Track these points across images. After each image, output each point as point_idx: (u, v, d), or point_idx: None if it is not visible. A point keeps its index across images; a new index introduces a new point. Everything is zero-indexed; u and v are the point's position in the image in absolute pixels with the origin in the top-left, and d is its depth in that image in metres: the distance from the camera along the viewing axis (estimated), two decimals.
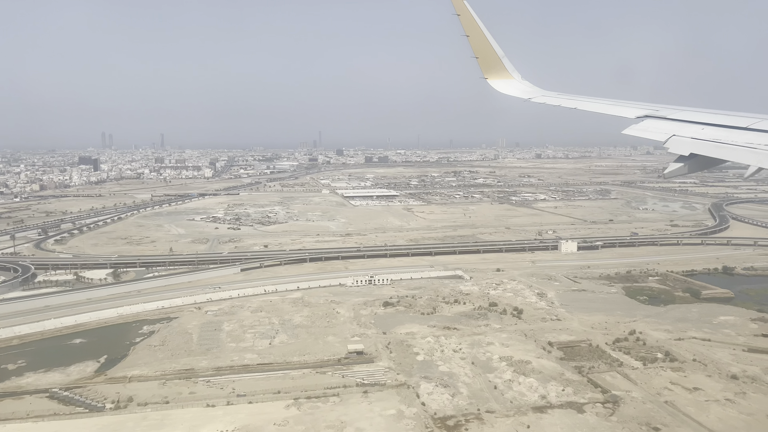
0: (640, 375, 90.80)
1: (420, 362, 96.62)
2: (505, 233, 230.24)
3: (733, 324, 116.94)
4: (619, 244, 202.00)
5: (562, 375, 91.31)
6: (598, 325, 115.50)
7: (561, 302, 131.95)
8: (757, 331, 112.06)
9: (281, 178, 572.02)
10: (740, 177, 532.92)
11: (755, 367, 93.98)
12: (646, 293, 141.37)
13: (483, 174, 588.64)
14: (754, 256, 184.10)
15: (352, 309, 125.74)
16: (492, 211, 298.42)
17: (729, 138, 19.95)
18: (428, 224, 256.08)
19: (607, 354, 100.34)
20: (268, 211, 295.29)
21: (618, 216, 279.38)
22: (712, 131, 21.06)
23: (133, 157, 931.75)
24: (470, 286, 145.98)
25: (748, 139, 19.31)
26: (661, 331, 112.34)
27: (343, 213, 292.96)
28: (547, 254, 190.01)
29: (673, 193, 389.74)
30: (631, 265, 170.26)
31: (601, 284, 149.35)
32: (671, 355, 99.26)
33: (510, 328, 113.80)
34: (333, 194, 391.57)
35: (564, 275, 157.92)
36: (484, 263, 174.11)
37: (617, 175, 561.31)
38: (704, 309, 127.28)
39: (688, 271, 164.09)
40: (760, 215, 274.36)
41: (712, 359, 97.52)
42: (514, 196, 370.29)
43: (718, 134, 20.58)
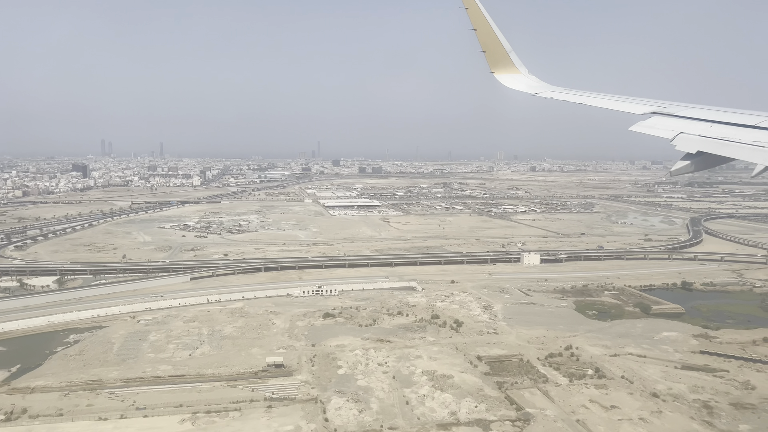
0: (561, 392, 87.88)
1: (340, 376, 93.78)
2: (474, 245, 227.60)
3: (674, 340, 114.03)
4: (584, 258, 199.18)
5: (481, 390, 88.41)
6: (536, 339, 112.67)
7: (505, 315, 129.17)
8: (697, 347, 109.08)
9: (269, 187, 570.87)
10: (729, 192, 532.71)
11: (682, 385, 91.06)
12: (596, 307, 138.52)
13: (472, 186, 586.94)
14: (718, 271, 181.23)
15: (290, 320, 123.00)
16: (468, 223, 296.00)
17: (737, 136, 19.68)
18: (400, 235, 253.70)
19: (536, 369, 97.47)
20: (241, 220, 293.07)
21: (594, 229, 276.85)
22: (720, 129, 20.75)
23: (128, 165, 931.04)
24: (419, 297, 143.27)
25: (756, 137, 19.01)
26: (599, 346, 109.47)
27: (317, 222, 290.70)
28: (509, 266, 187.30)
29: (657, 207, 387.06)
30: (590, 278, 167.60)
31: (553, 297, 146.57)
32: (600, 372, 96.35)
33: (444, 341, 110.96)
34: (315, 204, 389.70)
35: (518, 288, 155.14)
36: (442, 275, 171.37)
37: (607, 189, 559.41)
38: (650, 324, 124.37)
39: (646, 285, 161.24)
40: (736, 230, 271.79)
41: (640, 376, 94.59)
42: (496, 208, 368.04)
43: (726, 132, 20.31)
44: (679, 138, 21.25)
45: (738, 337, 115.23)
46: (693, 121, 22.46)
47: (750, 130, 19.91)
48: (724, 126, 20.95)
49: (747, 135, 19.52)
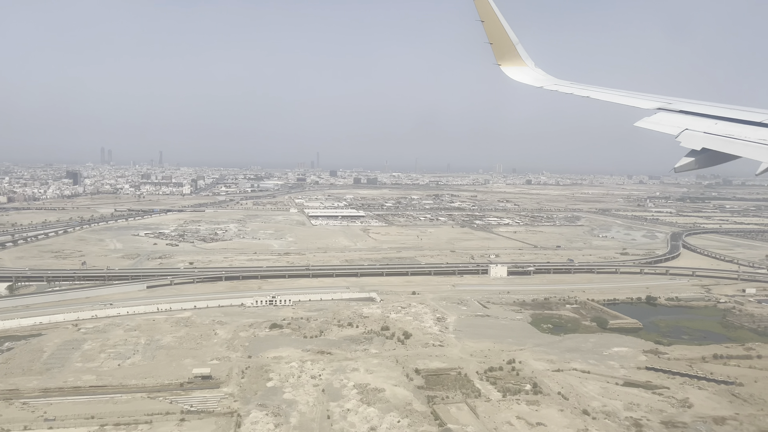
0: (490, 408, 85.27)
1: (268, 388, 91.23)
2: (448, 256, 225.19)
3: (623, 356, 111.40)
4: (553, 271, 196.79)
5: (409, 405, 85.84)
6: (480, 352, 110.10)
7: (456, 328, 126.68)
8: (644, 363, 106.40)
9: (260, 196, 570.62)
10: (719, 207, 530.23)
11: (618, 402, 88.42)
12: (553, 321, 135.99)
13: (463, 198, 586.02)
14: (687, 286, 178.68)
15: (234, 330, 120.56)
16: (448, 235, 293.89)
17: (742, 133, 19.47)
18: (376, 245, 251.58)
19: (472, 383, 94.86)
20: (219, 229, 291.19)
21: (573, 243, 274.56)
22: (725, 126, 20.54)
23: (123, 173, 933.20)
24: (374, 309, 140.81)
25: (762, 135, 18.75)
26: (544, 361, 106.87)
27: (295, 232, 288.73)
28: (475, 278, 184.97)
29: (643, 221, 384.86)
30: (555, 291, 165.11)
31: (511, 310, 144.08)
32: (538, 387, 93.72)
33: (386, 354, 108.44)
34: (299, 213, 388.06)
35: (477, 300, 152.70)
36: (406, 285, 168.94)
37: (597, 203, 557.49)
38: (602, 339, 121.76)
39: (610, 300, 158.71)
40: (716, 245, 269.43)
41: (578, 393, 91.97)
42: (480, 220, 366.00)
43: (731, 129, 20.07)
44: (684, 134, 20.96)
45: (688, 353, 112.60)
46: (698, 118, 22.11)
47: (756, 127, 19.58)
48: (730, 123, 20.60)
49: (752, 132, 19.20)
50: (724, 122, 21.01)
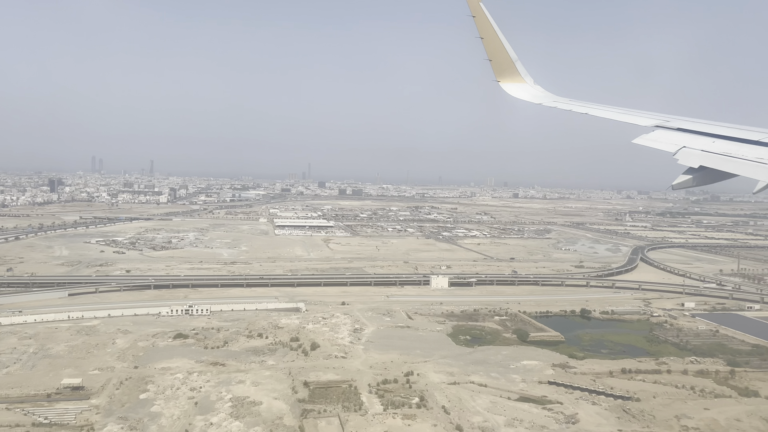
0: (362, 422, 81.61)
1: (138, 401, 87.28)
2: (399, 267, 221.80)
3: (530, 369, 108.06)
4: (497, 282, 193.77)
5: (280, 419, 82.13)
6: (382, 364, 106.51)
7: (370, 339, 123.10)
8: (548, 377, 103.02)
9: (236, 206, 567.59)
10: (696, 223, 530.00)
11: (501, 418, 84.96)
12: (473, 333, 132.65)
13: (442, 210, 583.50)
14: (629, 299, 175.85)
15: (134, 340, 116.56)
16: (409, 246, 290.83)
17: (740, 152, 19.60)
18: (329, 256, 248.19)
19: (358, 397, 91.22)
20: (176, 237, 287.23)
21: (533, 255, 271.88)
22: (723, 144, 20.63)
23: (108, 182, 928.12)
24: (294, 319, 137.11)
25: (759, 153, 18.90)
26: (444, 373, 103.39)
27: (253, 241, 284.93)
28: (416, 289, 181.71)
29: (613, 235, 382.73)
30: (489, 303, 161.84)
31: (435, 321, 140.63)
32: (424, 401, 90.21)
33: (283, 365, 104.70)
34: (268, 223, 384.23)
35: (406, 310, 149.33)
36: (340, 296, 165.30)
37: (577, 217, 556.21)
38: (516, 352, 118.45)
39: (543, 312, 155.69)
40: (676, 259, 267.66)
41: (464, 407, 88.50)
42: (448, 231, 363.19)
43: (729, 147, 20.15)
44: (681, 152, 21.06)
45: (597, 368, 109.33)
46: (696, 136, 22.24)
47: (753, 146, 19.63)
48: (727, 141, 20.70)
49: (750, 151, 19.31)
50: (721, 140, 21.04)
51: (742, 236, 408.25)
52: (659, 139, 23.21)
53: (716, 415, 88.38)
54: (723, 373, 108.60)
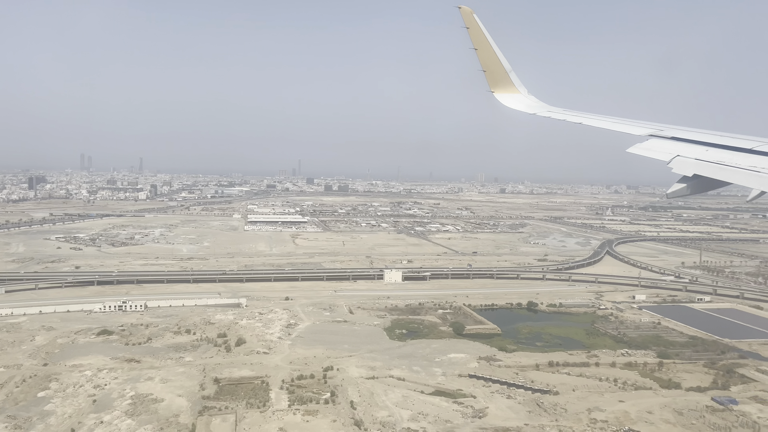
0: (259, 418, 79.14)
1: (35, 399, 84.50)
2: (360, 262, 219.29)
3: (455, 362, 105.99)
4: (451, 276, 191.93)
5: (176, 416, 79.57)
6: (304, 359, 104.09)
7: (301, 334, 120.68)
8: (470, 370, 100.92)
9: (216, 202, 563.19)
10: (676, 216, 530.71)
11: (407, 412, 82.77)
12: (411, 326, 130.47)
13: (424, 205, 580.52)
14: (582, 292, 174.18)
15: (55, 337, 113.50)
16: (377, 240, 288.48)
17: (733, 160, 19.79)
18: (292, 251, 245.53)
19: (267, 393, 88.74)
20: (141, 233, 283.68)
21: (500, 249, 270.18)
22: (717, 153, 20.83)
23: (93, 179, 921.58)
24: (230, 315, 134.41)
25: (752, 162, 19.14)
26: (366, 368, 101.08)
27: (217, 237, 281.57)
28: (368, 283, 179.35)
29: (588, 229, 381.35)
30: (438, 296, 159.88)
31: (375, 316, 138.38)
32: (335, 396, 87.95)
33: (199, 362, 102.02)
34: (241, 219, 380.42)
35: (349, 305, 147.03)
36: (288, 291, 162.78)
37: (558, 211, 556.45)
38: (446, 345, 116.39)
39: (489, 305, 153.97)
40: (643, 252, 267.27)
41: (374, 402, 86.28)
42: (422, 227, 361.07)
43: (722, 156, 20.35)
44: (675, 161, 21.22)
45: (524, 361, 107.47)
46: (690, 144, 22.40)
47: (746, 154, 19.81)
48: (721, 150, 20.86)
49: (743, 159, 19.45)
50: (715, 149, 21.14)
51: (718, 229, 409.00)
52: (653, 148, 23.31)
53: (629, 408, 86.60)
54: (651, 365, 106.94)
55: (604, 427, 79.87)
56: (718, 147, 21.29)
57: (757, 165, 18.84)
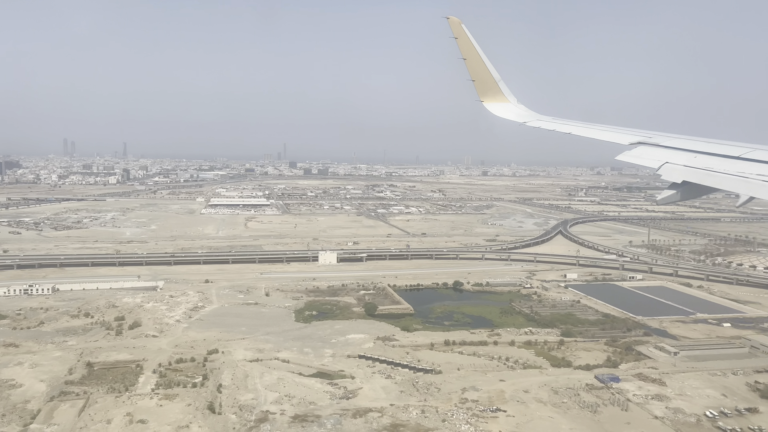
0: (110, 403, 75.97)
1: None
2: (304, 244, 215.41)
3: (350, 343, 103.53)
4: (389, 257, 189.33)
5: (24, 404, 76.29)
6: (191, 343, 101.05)
7: (203, 317, 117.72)
8: (360, 351, 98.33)
9: (186, 186, 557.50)
10: (648, 197, 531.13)
11: (273, 395, 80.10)
12: (324, 308, 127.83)
13: (398, 188, 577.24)
14: (515, 272, 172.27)
15: None
16: (332, 223, 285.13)
17: (721, 167, 20.04)
18: (239, 234, 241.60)
19: (137, 377, 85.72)
20: (92, 217, 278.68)
21: (455, 230, 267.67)
22: (705, 159, 21.06)
23: (72, 164, 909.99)
24: (138, 298, 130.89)
25: (740, 168, 19.48)
26: (254, 350, 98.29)
27: (168, 221, 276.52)
28: (300, 265, 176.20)
29: (553, 209, 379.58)
30: (366, 277, 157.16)
31: (291, 298, 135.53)
32: (207, 379, 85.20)
33: (81, 346, 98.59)
34: (203, 202, 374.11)
35: (270, 287, 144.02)
36: (213, 274, 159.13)
37: (534, 192, 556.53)
38: (349, 326, 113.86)
39: (414, 285, 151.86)
40: (598, 232, 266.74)
41: (243, 385, 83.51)
42: (385, 209, 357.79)
43: (711, 163, 20.60)
44: (664, 168, 21.60)
45: (421, 340, 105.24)
46: (678, 151, 22.78)
47: (734, 161, 20.19)
48: (709, 156, 21.21)
49: (731, 166, 19.84)
50: (703, 156, 21.40)
51: (685, 209, 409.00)
52: (642, 155, 23.61)
53: (507, 387, 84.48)
54: (551, 343, 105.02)
55: (472, 406, 77.65)
56: (707, 154, 21.53)
57: (745, 171, 19.06)
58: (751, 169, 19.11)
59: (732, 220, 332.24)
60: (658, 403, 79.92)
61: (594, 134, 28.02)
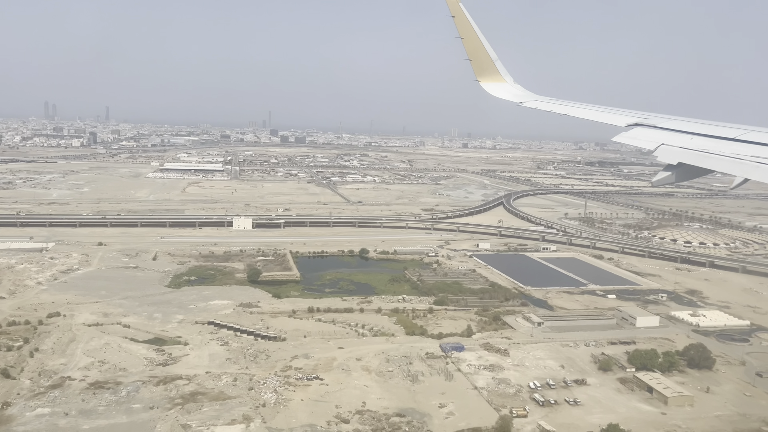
0: None
1: None
2: (236, 209, 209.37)
3: (210, 309, 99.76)
4: (310, 224, 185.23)
5: None
6: (36, 305, 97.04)
7: (71, 280, 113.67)
8: (213, 317, 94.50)
9: (151, 151, 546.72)
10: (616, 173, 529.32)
11: (89, 360, 76.46)
12: (207, 273, 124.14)
13: (371, 158, 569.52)
14: (432, 240, 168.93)
15: None
16: (277, 189, 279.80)
17: (716, 148, 20.10)
18: (171, 198, 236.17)
19: None
20: (27, 178, 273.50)
21: (399, 199, 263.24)
22: (701, 141, 21.07)
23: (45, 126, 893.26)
24: (14, 259, 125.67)
25: (735, 150, 19.43)
26: (99, 314, 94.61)
27: (106, 184, 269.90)
28: (213, 230, 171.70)
29: (511, 182, 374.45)
30: (272, 243, 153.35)
31: (176, 263, 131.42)
32: (28, 343, 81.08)
33: None
34: (156, 167, 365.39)
35: (161, 251, 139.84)
36: (112, 237, 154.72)
37: (503, 165, 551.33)
38: (220, 292, 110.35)
39: (319, 252, 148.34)
40: (542, 204, 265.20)
41: (63, 349, 79.81)
42: (340, 177, 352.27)
43: (706, 144, 20.63)
44: (660, 149, 21.65)
45: (284, 307, 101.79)
46: (674, 133, 22.83)
47: (729, 142, 20.12)
48: (705, 138, 21.21)
49: (726, 147, 19.88)
50: (699, 137, 21.35)
51: (644, 184, 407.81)
52: (638, 136, 23.70)
53: (341, 355, 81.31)
54: (419, 311, 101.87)
55: (291, 374, 74.32)
56: (702, 135, 21.45)
57: (740, 153, 19.11)
58: (746, 151, 19.05)
59: (685, 196, 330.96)
60: (488, 373, 77.14)
61: (591, 115, 28.04)
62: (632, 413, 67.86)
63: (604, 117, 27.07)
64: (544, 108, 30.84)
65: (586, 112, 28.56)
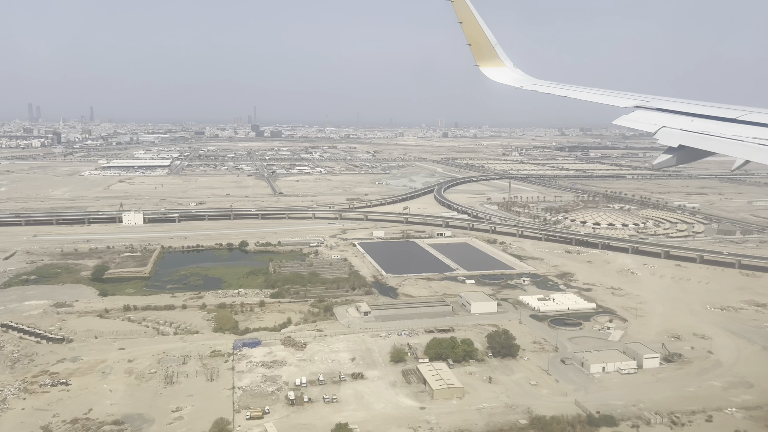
0: None
1: None
2: (151, 204, 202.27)
3: (21, 310, 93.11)
4: (209, 217, 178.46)
5: None
6: None
7: None
8: (10, 319, 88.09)
9: (110, 149, 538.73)
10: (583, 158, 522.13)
11: None
12: (51, 272, 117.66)
13: (337, 150, 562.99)
14: (330, 230, 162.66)
15: None
16: (206, 184, 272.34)
17: (717, 130, 19.76)
18: (87, 195, 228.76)
19: None
20: None
21: (334, 190, 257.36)
22: (701, 123, 20.85)
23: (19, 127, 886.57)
24: None
25: (736, 131, 19.17)
26: None
27: (28, 183, 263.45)
28: (101, 227, 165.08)
29: (464, 169, 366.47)
30: (150, 239, 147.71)
31: (27, 261, 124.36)
32: None
33: None
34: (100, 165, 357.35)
35: (26, 249, 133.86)
36: None
37: (469, 153, 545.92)
38: (46, 291, 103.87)
39: (194, 246, 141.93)
40: (475, 189, 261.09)
41: None
42: (285, 170, 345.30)
43: (707, 126, 20.38)
44: (661, 132, 21.45)
45: (103, 305, 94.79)
46: (675, 115, 22.54)
47: (730, 124, 19.85)
48: (706, 120, 20.80)
49: (727, 129, 19.50)
50: (700, 119, 21.10)
51: (605, 167, 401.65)
52: (639, 119, 23.71)
53: (117, 356, 75.26)
54: (249, 305, 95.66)
55: (39, 380, 67.98)
56: (703, 117, 21.12)
57: (741, 134, 18.78)
58: (747, 132, 18.72)
59: (634, 178, 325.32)
60: (263, 370, 71.14)
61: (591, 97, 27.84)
62: (388, 409, 61.77)
63: (605, 99, 27.01)
64: (543, 90, 30.66)
65: (585, 95, 28.44)
